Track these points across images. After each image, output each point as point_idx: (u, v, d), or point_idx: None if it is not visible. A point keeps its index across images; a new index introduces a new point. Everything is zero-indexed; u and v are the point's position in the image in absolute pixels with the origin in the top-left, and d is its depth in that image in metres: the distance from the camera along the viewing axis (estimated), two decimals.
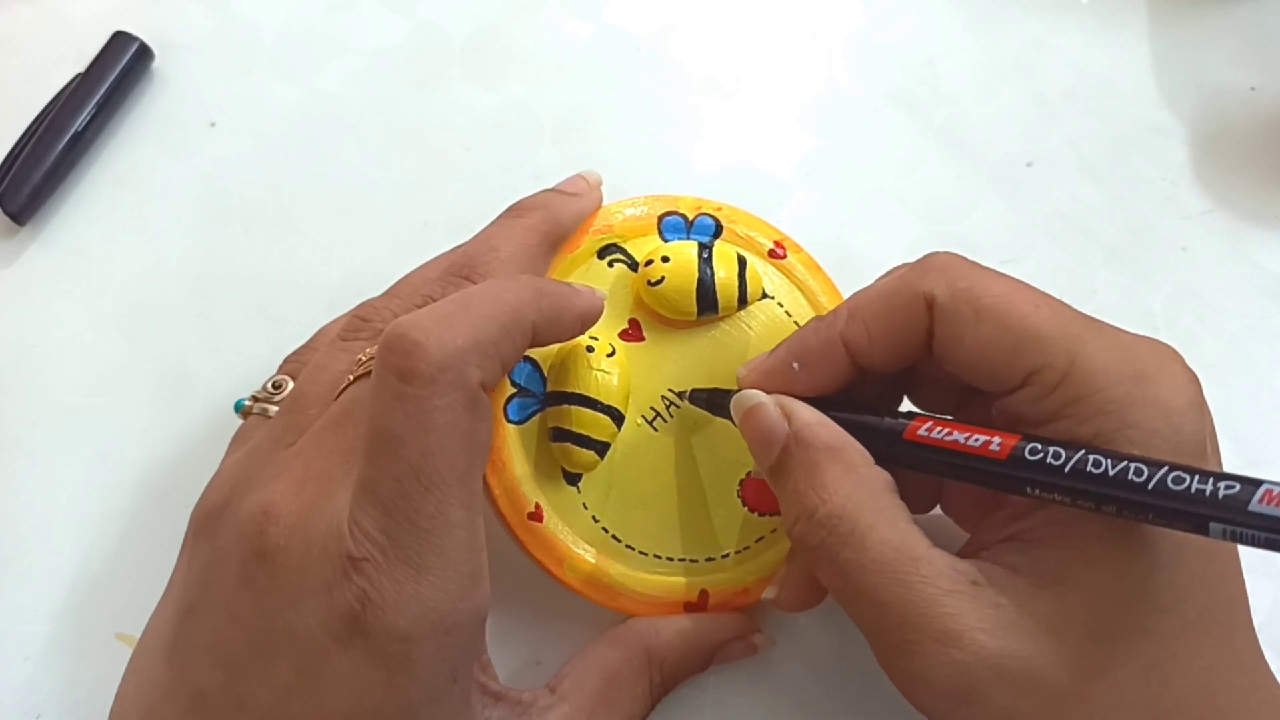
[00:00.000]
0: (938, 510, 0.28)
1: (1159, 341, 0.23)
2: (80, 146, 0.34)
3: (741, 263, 0.29)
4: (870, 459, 0.23)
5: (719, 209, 0.30)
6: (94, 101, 0.34)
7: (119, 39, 0.36)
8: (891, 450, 0.24)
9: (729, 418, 0.26)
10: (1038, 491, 0.21)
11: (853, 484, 0.23)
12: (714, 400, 0.27)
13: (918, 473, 0.24)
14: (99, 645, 0.29)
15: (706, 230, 0.30)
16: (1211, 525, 0.19)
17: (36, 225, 0.34)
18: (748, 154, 0.36)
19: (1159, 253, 0.35)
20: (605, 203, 0.30)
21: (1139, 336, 0.23)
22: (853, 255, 0.34)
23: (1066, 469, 0.21)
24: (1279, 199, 0.35)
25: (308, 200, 0.35)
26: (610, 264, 0.29)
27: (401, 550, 0.20)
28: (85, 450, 0.31)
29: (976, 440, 0.22)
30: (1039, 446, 0.21)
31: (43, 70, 0.36)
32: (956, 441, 0.22)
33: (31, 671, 0.29)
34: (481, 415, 0.21)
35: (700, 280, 0.28)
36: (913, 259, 0.34)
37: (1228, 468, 0.23)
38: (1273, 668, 0.23)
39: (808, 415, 0.24)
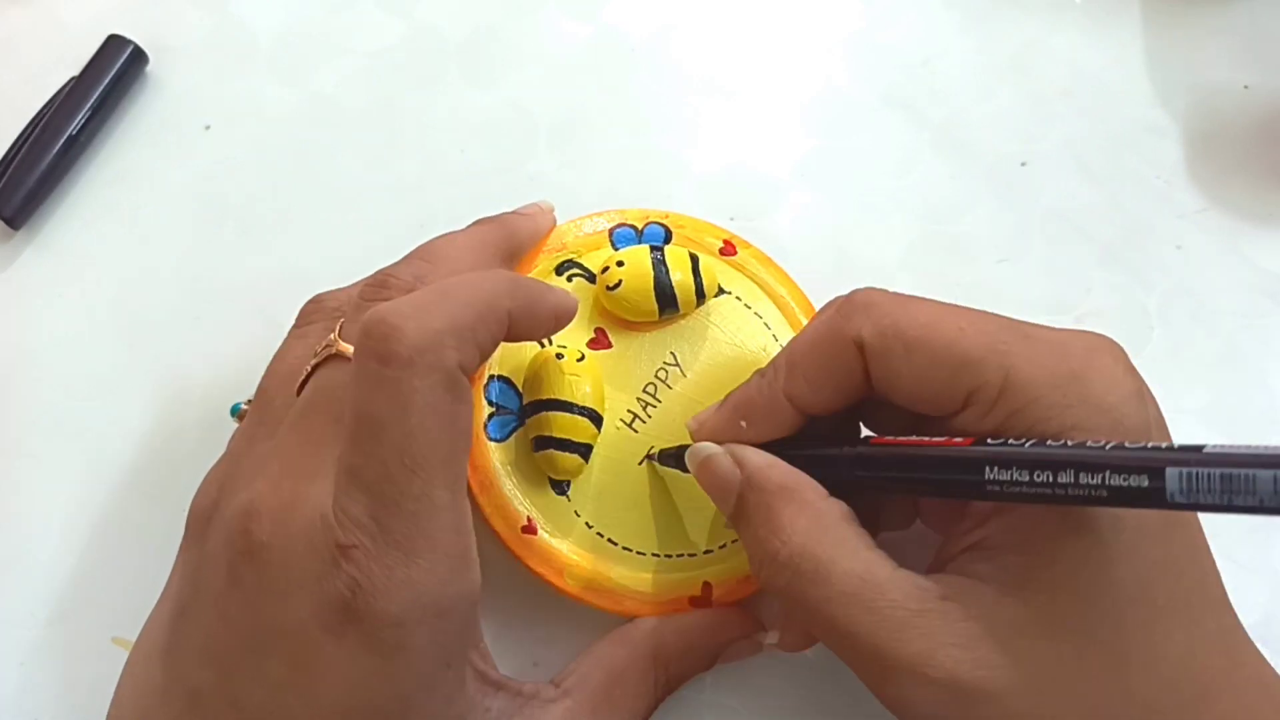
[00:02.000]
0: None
1: (1093, 335, 0.23)
2: (75, 150, 0.34)
3: (694, 259, 0.30)
4: (824, 493, 0.24)
5: (666, 216, 0.32)
6: (89, 105, 0.34)
7: (113, 42, 0.35)
8: (853, 475, 0.24)
9: None
10: (996, 471, 0.21)
11: (809, 519, 0.23)
12: (680, 455, 0.27)
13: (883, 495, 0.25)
14: (95, 649, 0.29)
15: (656, 237, 0.31)
16: (1168, 472, 0.18)
17: (31, 229, 0.34)
18: (745, 155, 0.36)
19: (1154, 252, 0.35)
20: (559, 224, 0.31)
21: (1071, 332, 0.23)
22: (850, 255, 0.34)
23: (1026, 445, 0.21)
24: (1274, 197, 0.35)
25: (304, 203, 0.35)
26: (569, 279, 0.30)
27: (389, 535, 0.20)
28: (81, 453, 0.31)
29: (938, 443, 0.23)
30: (996, 440, 0.22)
31: (37, 73, 0.35)
32: (920, 440, 0.23)
33: (27, 676, 0.29)
34: (462, 398, 0.21)
35: (657, 279, 0.29)
36: (909, 259, 0.34)
37: None
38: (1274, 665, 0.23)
39: (758, 460, 0.24)
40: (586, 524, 0.28)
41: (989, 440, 0.22)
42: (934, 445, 0.22)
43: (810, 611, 0.22)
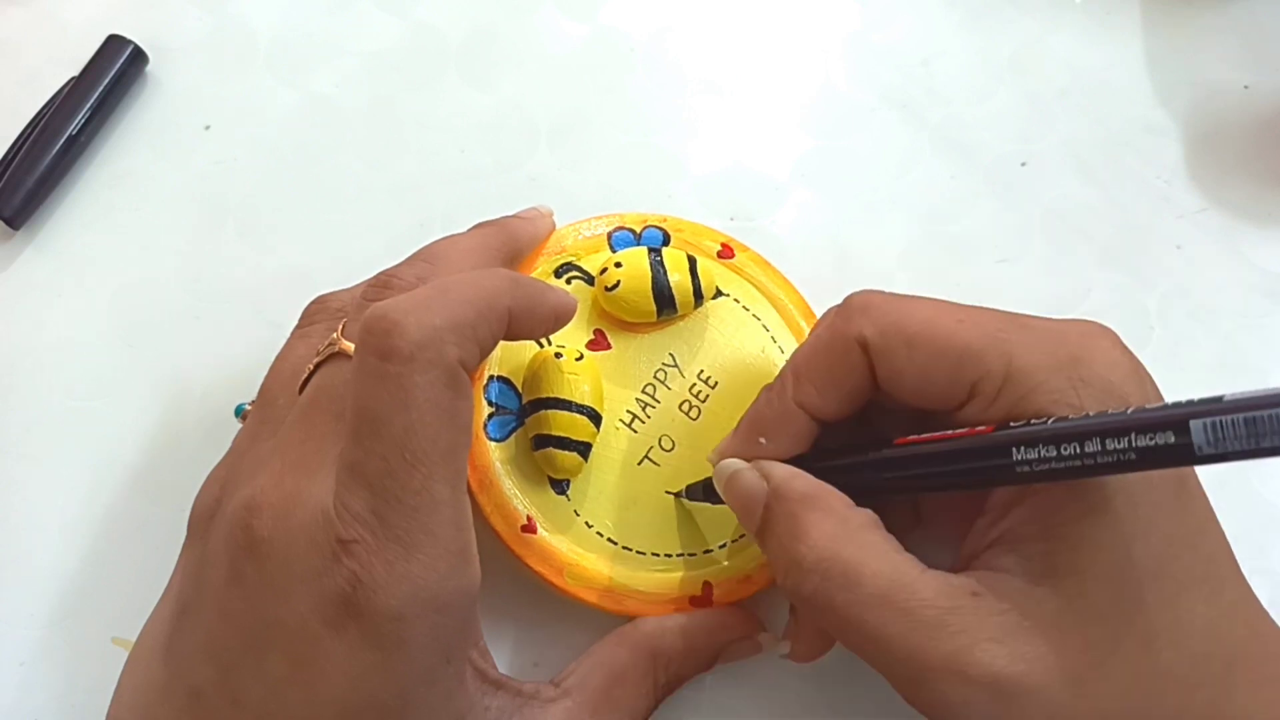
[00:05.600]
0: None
1: (1087, 321, 0.24)
2: (75, 150, 0.34)
3: (692, 261, 0.30)
4: (849, 502, 0.24)
5: (664, 220, 0.32)
6: (88, 105, 0.34)
7: (113, 42, 0.35)
8: (880, 478, 0.24)
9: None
10: (1024, 451, 0.21)
11: (835, 524, 0.23)
12: (708, 487, 0.27)
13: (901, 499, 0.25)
14: (95, 649, 0.29)
15: (654, 240, 0.31)
16: (1192, 424, 0.19)
17: (31, 229, 0.34)
18: (744, 155, 0.36)
19: (1154, 252, 0.35)
20: (559, 228, 0.31)
21: (1066, 321, 0.24)
22: (849, 256, 0.34)
23: (1049, 422, 0.21)
24: (1273, 197, 0.35)
25: (303, 203, 0.35)
26: (568, 281, 0.30)
27: (390, 529, 0.20)
28: (82, 454, 0.31)
29: (960, 434, 0.23)
30: (1017, 422, 0.22)
31: (37, 73, 0.35)
32: (944, 434, 0.23)
33: (27, 676, 0.29)
34: (462, 394, 0.21)
35: (655, 279, 0.29)
36: (909, 259, 0.34)
37: (1223, 466, 0.23)
38: None
39: (783, 471, 0.25)
40: (586, 523, 0.28)
41: (1010, 425, 0.22)
42: (957, 437, 0.23)
43: (839, 617, 0.22)
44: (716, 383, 0.30)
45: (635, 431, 0.29)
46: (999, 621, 0.21)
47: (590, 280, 0.30)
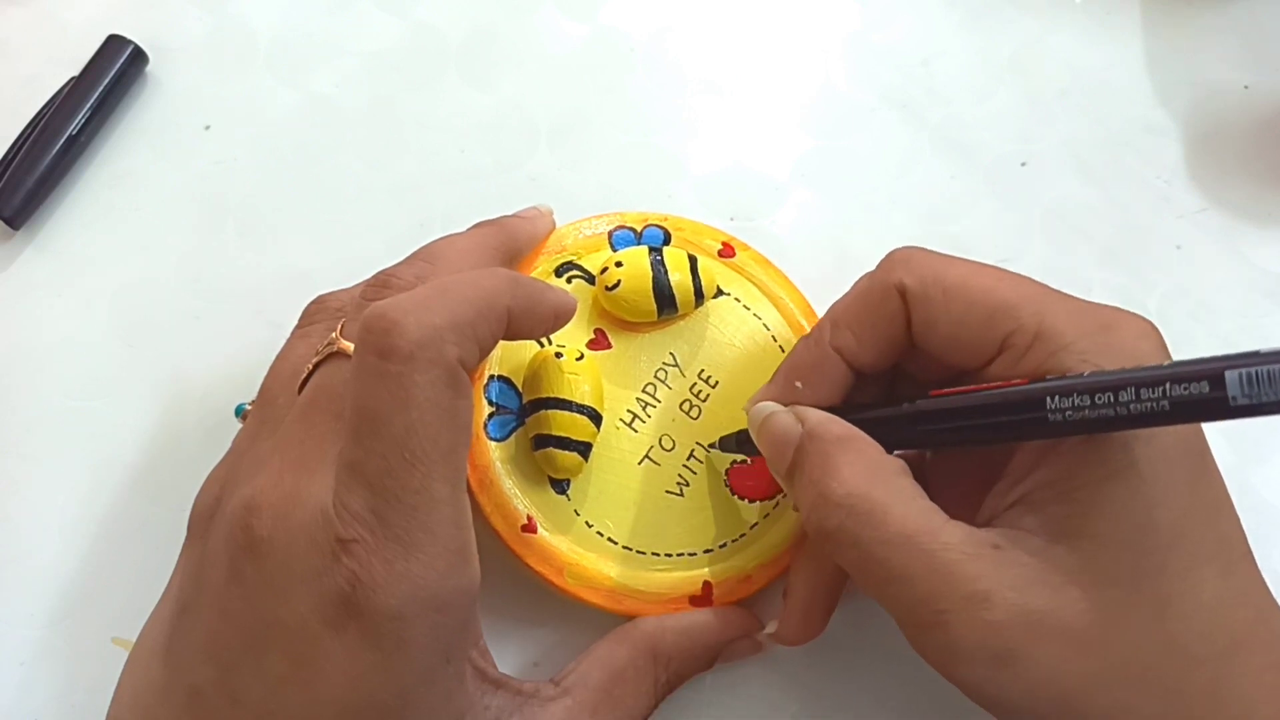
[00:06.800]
0: None
1: (1116, 306, 0.24)
2: (75, 150, 0.34)
3: (692, 260, 0.30)
4: (881, 449, 0.24)
5: (665, 219, 0.32)
6: (88, 105, 0.34)
7: (113, 42, 0.35)
8: (915, 431, 0.25)
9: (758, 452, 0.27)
10: (1058, 400, 0.21)
11: (866, 465, 0.24)
12: (742, 439, 0.28)
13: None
14: (95, 649, 0.29)
15: (655, 239, 0.31)
16: (1228, 375, 0.19)
17: (31, 229, 0.34)
18: (744, 155, 0.36)
19: (1154, 252, 0.35)
20: (559, 227, 0.31)
21: (1098, 303, 0.24)
22: (849, 256, 0.34)
23: (1085, 374, 0.22)
24: (1273, 197, 0.35)
25: (303, 203, 0.35)
26: (569, 280, 0.30)
27: (389, 528, 0.20)
28: (82, 454, 0.31)
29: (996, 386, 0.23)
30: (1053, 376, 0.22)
31: (37, 74, 0.35)
32: (980, 386, 0.23)
33: (27, 676, 0.29)
34: (462, 393, 0.21)
35: (655, 279, 0.29)
36: None
37: (1223, 465, 0.24)
38: None
39: (818, 415, 0.25)
40: (586, 523, 0.28)
41: (1046, 378, 0.22)
42: (992, 389, 0.23)
43: (863, 555, 0.23)
44: (717, 382, 0.30)
45: (636, 431, 0.29)
46: (1018, 573, 0.22)
47: (591, 279, 0.30)
